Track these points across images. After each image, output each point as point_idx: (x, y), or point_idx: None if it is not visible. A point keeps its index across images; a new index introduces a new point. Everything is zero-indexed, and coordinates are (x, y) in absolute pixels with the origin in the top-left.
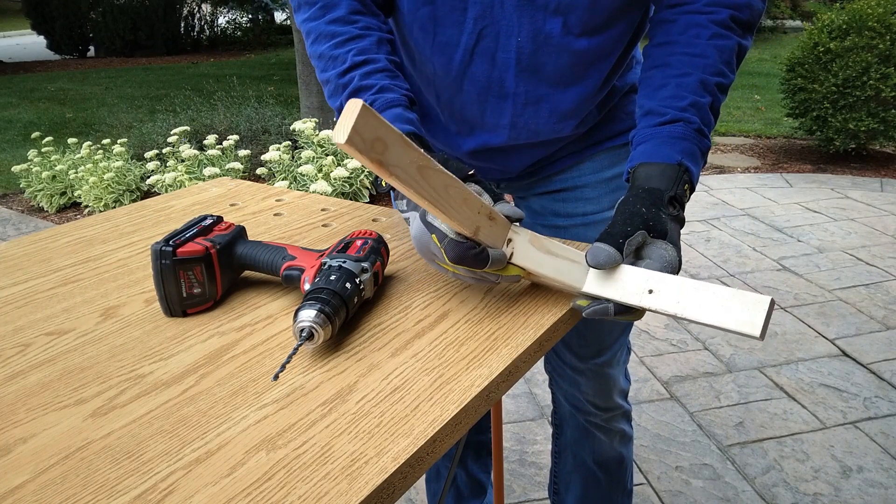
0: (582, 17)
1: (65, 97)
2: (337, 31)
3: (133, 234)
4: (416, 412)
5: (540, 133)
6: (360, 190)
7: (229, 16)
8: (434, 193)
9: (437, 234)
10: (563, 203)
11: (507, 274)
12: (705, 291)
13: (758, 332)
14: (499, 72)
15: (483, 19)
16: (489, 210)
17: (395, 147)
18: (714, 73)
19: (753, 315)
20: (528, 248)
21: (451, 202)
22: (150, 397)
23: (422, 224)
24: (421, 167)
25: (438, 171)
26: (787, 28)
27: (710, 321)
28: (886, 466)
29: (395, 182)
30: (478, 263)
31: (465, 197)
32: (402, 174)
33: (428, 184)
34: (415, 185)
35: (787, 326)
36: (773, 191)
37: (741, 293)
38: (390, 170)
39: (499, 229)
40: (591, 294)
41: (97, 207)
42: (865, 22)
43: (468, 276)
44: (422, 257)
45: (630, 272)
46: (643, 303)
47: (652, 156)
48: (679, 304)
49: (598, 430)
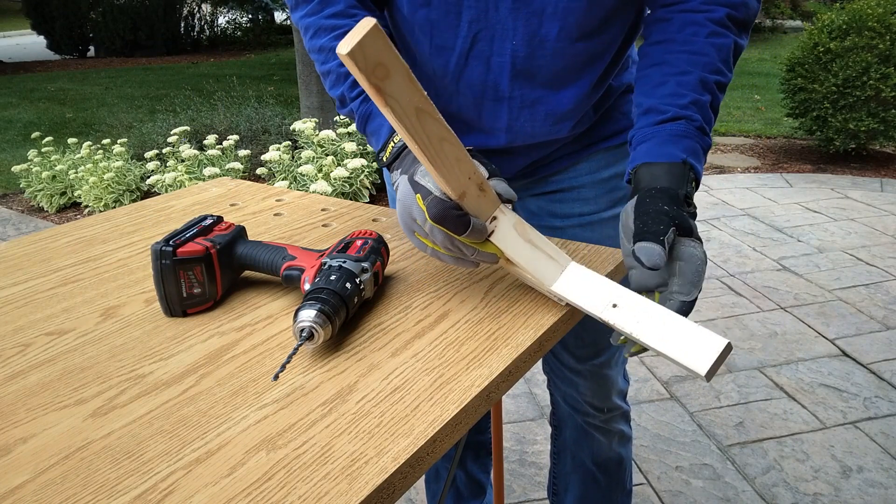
0: (579, 21)
1: (65, 97)
2: (336, 24)
3: (133, 234)
4: (416, 412)
5: (537, 135)
6: (360, 190)
7: (229, 16)
8: (427, 141)
9: (421, 192)
10: (559, 204)
11: (485, 250)
12: (667, 319)
13: (704, 371)
14: (494, 76)
15: (477, 23)
16: (481, 180)
17: (398, 79)
18: (713, 71)
19: (705, 354)
20: (510, 232)
21: (443, 157)
22: (150, 397)
23: (409, 184)
24: (420, 110)
25: (437, 121)
26: (787, 28)
27: (662, 349)
28: (886, 466)
29: (389, 115)
30: (458, 227)
31: (458, 157)
32: (398, 109)
33: (423, 129)
34: (409, 126)
35: (787, 326)
36: (773, 191)
37: (702, 330)
38: (387, 100)
39: (486, 203)
40: (557, 294)
41: (97, 207)
42: (865, 22)
43: (445, 255)
44: (403, 230)
45: (602, 283)
46: (604, 315)
47: (655, 155)
48: (638, 325)
49: (596, 431)
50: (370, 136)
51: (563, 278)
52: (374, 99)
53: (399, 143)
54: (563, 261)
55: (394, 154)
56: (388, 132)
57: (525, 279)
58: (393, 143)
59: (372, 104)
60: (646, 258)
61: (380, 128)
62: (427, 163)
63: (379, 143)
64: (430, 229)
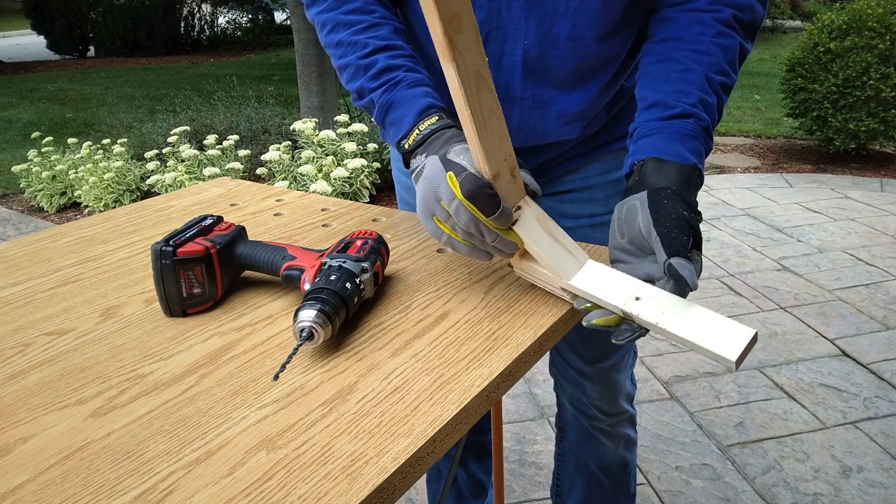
0: (591, 21)
1: (65, 97)
2: (355, 20)
3: (133, 234)
4: (416, 412)
5: (548, 136)
6: (360, 190)
7: (229, 16)
8: (479, 108)
9: (454, 168)
10: (570, 204)
11: (507, 237)
12: (693, 310)
13: (734, 357)
14: (505, 76)
15: (489, 23)
16: (514, 164)
17: (470, 36)
18: (718, 71)
19: (734, 342)
20: (532, 222)
21: (489, 130)
22: (150, 397)
23: (439, 163)
24: (479, 75)
25: (491, 91)
26: (787, 28)
27: (690, 338)
28: (886, 466)
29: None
30: (489, 207)
31: (501, 135)
32: (462, 67)
33: (479, 96)
34: (467, 87)
35: (787, 326)
36: (773, 191)
37: (727, 320)
38: (455, 55)
39: (515, 189)
40: (576, 289)
41: (97, 207)
42: (865, 22)
43: (461, 244)
44: (420, 216)
45: (622, 278)
46: (627, 307)
47: (664, 152)
48: (663, 316)
49: (602, 436)
50: (389, 126)
51: (582, 273)
52: (441, 53)
53: (425, 130)
54: (581, 257)
55: (419, 140)
56: (413, 119)
57: (535, 276)
58: (418, 130)
59: (395, 94)
60: (689, 279)
61: (402, 117)
62: (473, 133)
63: (401, 131)
64: (457, 209)
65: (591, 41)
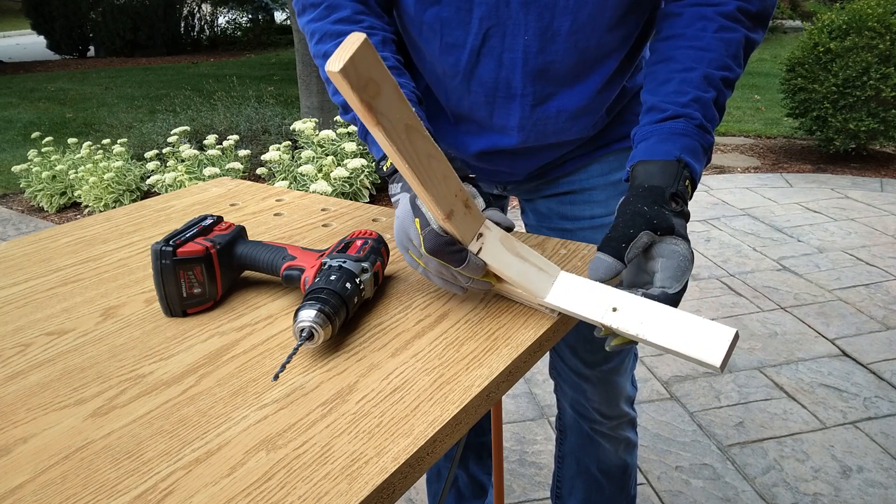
0: (591, 15)
1: (65, 97)
2: (343, 30)
3: (133, 234)
4: (416, 412)
5: (549, 133)
6: (360, 190)
7: (229, 16)
8: (416, 158)
9: (421, 219)
10: (570, 206)
11: (480, 279)
12: (671, 316)
13: (718, 361)
14: (506, 72)
15: (489, 19)
16: (466, 196)
17: (389, 95)
18: (719, 67)
19: (716, 345)
20: (497, 247)
21: (431, 174)
22: (150, 397)
23: (409, 205)
24: (409, 126)
25: (425, 138)
26: (787, 28)
27: (671, 346)
28: (886, 466)
29: (379, 133)
30: (454, 262)
31: (445, 174)
32: (388, 126)
33: (412, 146)
34: (398, 143)
35: (787, 326)
36: (773, 191)
37: (707, 322)
38: (378, 118)
39: (472, 220)
40: (552, 306)
41: (97, 207)
42: (865, 22)
43: (435, 275)
44: (397, 245)
45: (596, 288)
46: (605, 320)
47: (651, 153)
48: (642, 325)
49: (602, 438)
50: (371, 144)
51: (556, 288)
52: (364, 118)
53: None
54: (552, 271)
55: (392, 168)
56: None
57: (514, 295)
58: None
59: None
60: (590, 273)
61: None
62: (416, 182)
63: (380, 152)
64: (427, 257)
65: (591, 35)
